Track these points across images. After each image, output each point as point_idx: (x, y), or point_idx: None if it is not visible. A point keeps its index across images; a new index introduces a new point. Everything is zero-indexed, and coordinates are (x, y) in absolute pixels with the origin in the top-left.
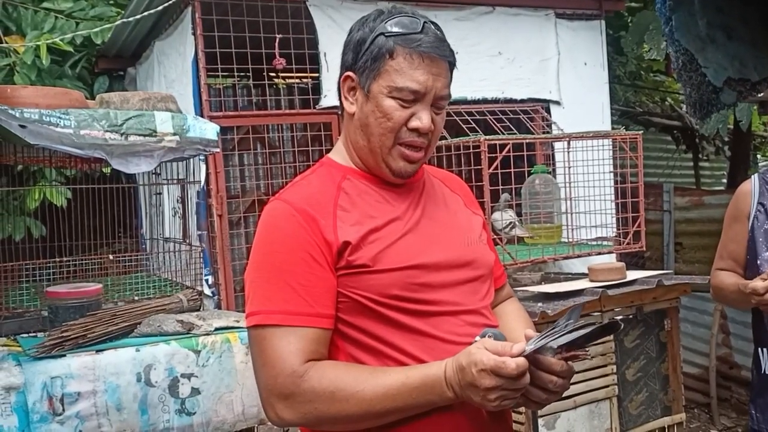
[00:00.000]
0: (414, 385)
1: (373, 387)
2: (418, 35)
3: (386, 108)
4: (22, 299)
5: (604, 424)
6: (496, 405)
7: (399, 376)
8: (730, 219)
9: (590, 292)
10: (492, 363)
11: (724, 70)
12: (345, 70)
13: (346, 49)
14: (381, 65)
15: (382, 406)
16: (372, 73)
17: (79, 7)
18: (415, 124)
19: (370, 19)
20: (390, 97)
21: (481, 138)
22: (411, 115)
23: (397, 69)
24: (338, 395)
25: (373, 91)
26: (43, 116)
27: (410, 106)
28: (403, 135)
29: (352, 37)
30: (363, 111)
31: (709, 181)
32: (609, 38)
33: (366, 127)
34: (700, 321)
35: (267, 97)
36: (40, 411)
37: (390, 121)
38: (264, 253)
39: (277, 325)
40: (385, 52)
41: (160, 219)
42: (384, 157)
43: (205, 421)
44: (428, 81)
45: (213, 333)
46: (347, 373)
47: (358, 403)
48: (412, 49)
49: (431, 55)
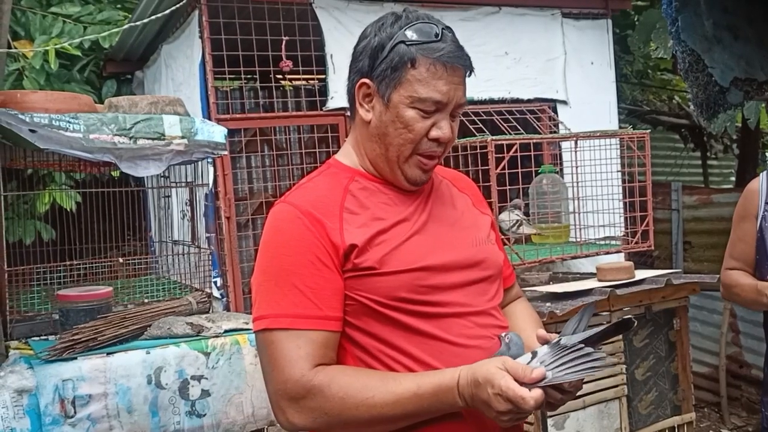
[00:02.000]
0: (425, 394)
1: (383, 394)
2: (438, 44)
3: (407, 119)
4: (33, 303)
5: (614, 424)
6: (507, 424)
7: (410, 384)
8: (738, 218)
9: (599, 291)
10: (511, 394)
11: (730, 71)
12: (360, 75)
13: (362, 54)
14: (402, 74)
15: (392, 413)
16: (392, 82)
17: (86, 12)
18: (437, 134)
19: (387, 24)
20: (411, 108)
21: (488, 138)
22: (432, 125)
23: (419, 79)
24: (348, 401)
25: (393, 101)
26: (52, 121)
27: (430, 116)
28: (423, 146)
29: (369, 43)
30: (381, 120)
31: (718, 180)
32: (616, 37)
33: (384, 136)
34: (709, 320)
35: (274, 99)
36: (52, 413)
37: (411, 133)
38: (270, 256)
39: (286, 329)
40: (407, 61)
41: (169, 222)
42: (401, 166)
43: (215, 422)
44: (450, 91)
45: (222, 335)
46: (357, 378)
47: (368, 410)
48: (435, 59)
49: (453, 65)
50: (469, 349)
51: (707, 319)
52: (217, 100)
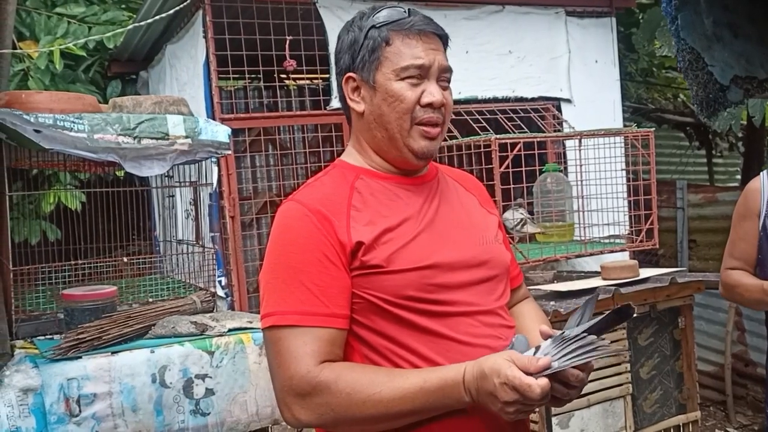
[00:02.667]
0: (432, 389)
1: (390, 389)
2: (407, 19)
3: (396, 91)
4: (38, 302)
5: (619, 423)
6: (513, 417)
7: (417, 379)
8: (739, 217)
9: (603, 290)
10: (517, 383)
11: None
12: (344, 72)
13: (340, 54)
14: (380, 54)
15: (398, 408)
16: (373, 64)
17: (91, 12)
18: (428, 99)
19: (355, 21)
20: (398, 80)
21: (492, 137)
22: (421, 92)
23: (396, 52)
24: (355, 397)
25: (378, 81)
26: (57, 121)
27: (418, 84)
28: (419, 114)
29: (343, 42)
30: (373, 103)
31: (723, 178)
32: (620, 35)
33: (381, 117)
34: (714, 318)
35: (278, 99)
36: (57, 412)
37: (403, 102)
38: (278, 254)
39: (293, 326)
40: (381, 41)
41: (173, 221)
42: (405, 141)
43: (220, 421)
44: (429, 55)
45: (226, 334)
46: (363, 375)
47: (374, 405)
48: (406, 30)
49: (425, 31)
50: (476, 348)
51: (712, 317)
52: (221, 99)
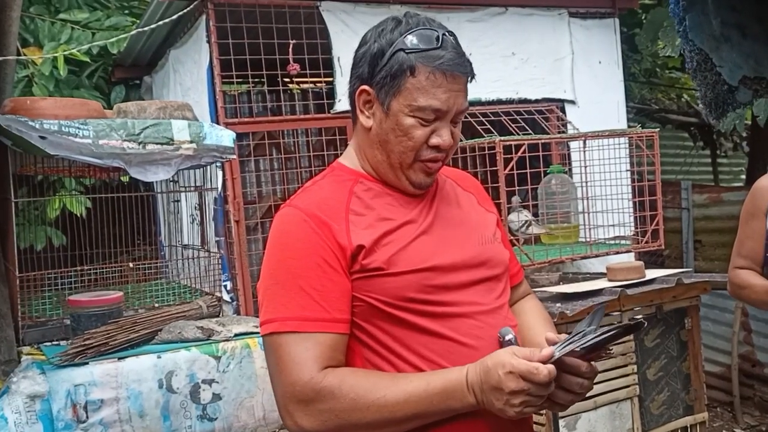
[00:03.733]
0: (435, 391)
1: (394, 393)
2: (439, 51)
3: (407, 127)
4: (44, 308)
5: (626, 425)
6: (518, 411)
7: (420, 382)
8: (746, 215)
9: (609, 291)
10: (523, 367)
11: (739, 69)
12: (360, 82)
13: (361, 60)
14: (402, 83)
15: (403, 412)
16: (392, 90)
17: (95, 18)
18: (436, 142)
19: (387, 30)
20: (411, 116)
21: (496, 139)
22: (431, 132)
23: (418, 87)
24: (359, 402)
25: (393, 109)
26: (62, 127)
27: (430, 124)
28: (424, 153)
29: (369, 49)
30: (382, 127)
31: (728, 178)
32: (623, 36)
33: (385, 143)
34: (721, 319)
35: (282, 103)
36: (65, 418)
37: (411, 140)
38: (277, 260)
39: (293, 332)
40: (406, 69)
41: (179, 226)
42: (404, 172)
43: (227, 426)
44: (450, 99)
45: (233, 339)
46: (367, 379)
47: (378, 410)
48: (434, 67)
49: (453, 73)
50: (478, 349)
51: (719, 318)
52: (225, 104)
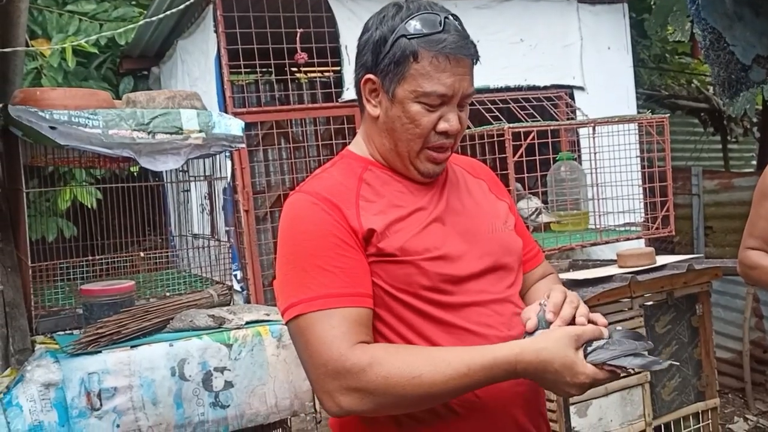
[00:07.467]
0: (476, 374)
1: (432, 374)
2: (441, 35)
3: (413, 114)
4: (57, 298)
5: (637, 411)
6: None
7: (460, 366)
8: (759, 196)
9: (619, 278)
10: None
11: (752, 48)
12: (364, 71)
13: (365, 49)
14: (405, 69)
15: (441, 391)
16: (396, 77)
17: (102, 9)
18: (444, 127)
19: (388, 17)
20: (416, 102)
21: (505, 126)
22: (438, 118)
23: (422, 73)
24: (392, 380)
25: (398, 96)
26: (71, 117)
27: (437, 109)
28: (432, 139)
29: (371, 37)
30: (388, 115)
31: (739, 163)
32: (632, 21)
33: (392, 131)
34: (732, 305)
35: (290, 92)
36: (79, 406)
37: (418, 128)
38: (292, 244)
39: (318, 311)
40: (409, 55)
41: (188, 216)
42: (412, 161)
43: (239, 413)
44: (455, 83)
45: (244, 327)
46: (403, 356)
47: (414, 389)
48: (437, 51)
49: (457, 56)
50: (488, 338)
51: (730, 304)
52: (233, 94)
